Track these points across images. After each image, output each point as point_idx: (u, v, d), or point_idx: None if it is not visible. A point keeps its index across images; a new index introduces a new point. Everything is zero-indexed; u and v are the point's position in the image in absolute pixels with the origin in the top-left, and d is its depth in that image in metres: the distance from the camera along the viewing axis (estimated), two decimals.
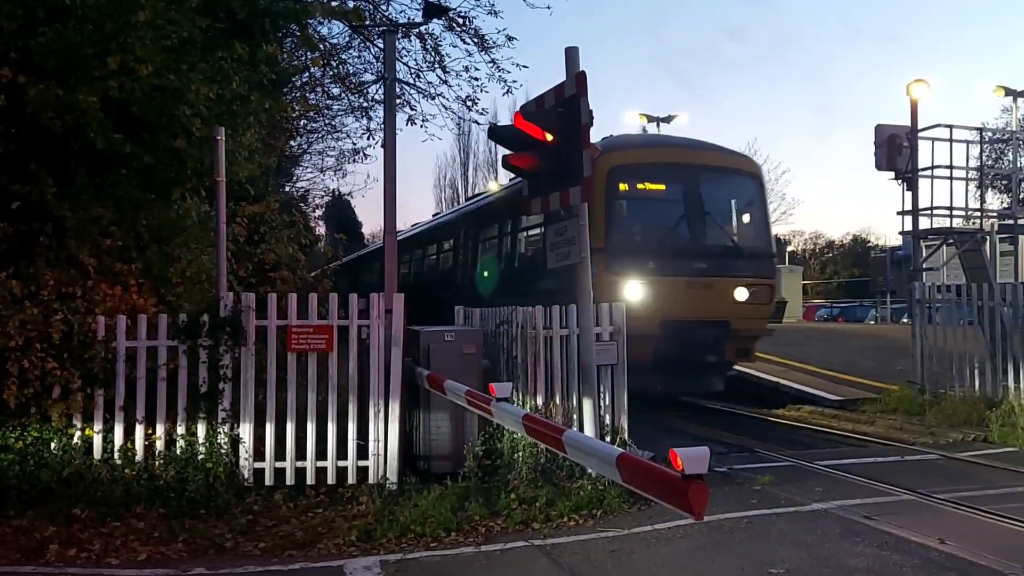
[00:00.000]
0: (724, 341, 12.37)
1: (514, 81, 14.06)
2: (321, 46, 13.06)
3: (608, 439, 7.57)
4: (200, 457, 6.99)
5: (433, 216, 27.49)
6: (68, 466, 6.83)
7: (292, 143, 18.06)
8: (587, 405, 7.46)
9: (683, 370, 12.15)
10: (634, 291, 11.55)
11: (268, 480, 7.21)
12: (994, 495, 6.98)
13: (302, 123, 17.14)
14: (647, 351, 11.19)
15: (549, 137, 7.11)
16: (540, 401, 7.76)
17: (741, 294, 12.45)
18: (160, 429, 7.13)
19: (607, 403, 7.84)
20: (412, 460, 7.77)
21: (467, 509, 6.53)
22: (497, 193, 18.54)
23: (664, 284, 11.87)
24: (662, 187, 13.24)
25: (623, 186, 12.72)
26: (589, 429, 7.39)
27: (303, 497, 7.00)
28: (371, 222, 55.92)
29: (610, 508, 6.67)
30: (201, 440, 7.09)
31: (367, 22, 12.47)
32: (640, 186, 13.00)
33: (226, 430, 7.14)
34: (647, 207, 13.32)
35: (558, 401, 7.80)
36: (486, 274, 15.78)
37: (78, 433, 7.03)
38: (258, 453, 7.24)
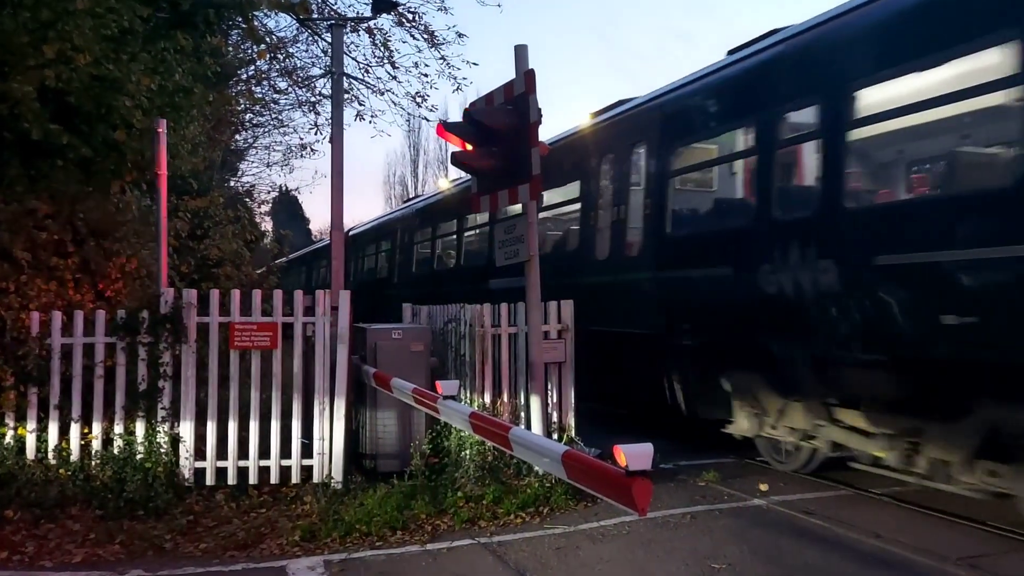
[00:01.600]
0: None
1: (464, 78, 14.14)
2: (268, 39, 12.88)
3: (556, 436, 7.60)
4: (139, 457, 6.83)
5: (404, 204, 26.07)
6: (0, 466, 6.62)
7: (237, 137, 17.80)
8: (535, 403, 7.48)
9: None
10: None
11: (209, 480, 7.07)
12: (927, 490, 7.16)
13: (248, 117, 16.88)
14: None
15: (498, 134, 7.12)
16: (488, 399, 7.75)
17: None
18: (97, 428, 6.94)
19: (555, 401, 7.87)
20: (358, 459, 7.70)
21: (413, 508, 6.49)
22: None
23: None
24: None
25: None
26: (537, 427, 7.41)
27: (245, 497, 6.88)
28: (319, 218, 55.34)
29: (557, 505, 6.70)
30: (140, 439, 6.92)
31: (315, 15, 12.32)
32: None
33: (166, 429, 6.97)
34: None
35: (506, 399, 7.80)
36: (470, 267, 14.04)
37: (11, 432, 6.81)
38: (199, 452, 7.09)
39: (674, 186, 9.00)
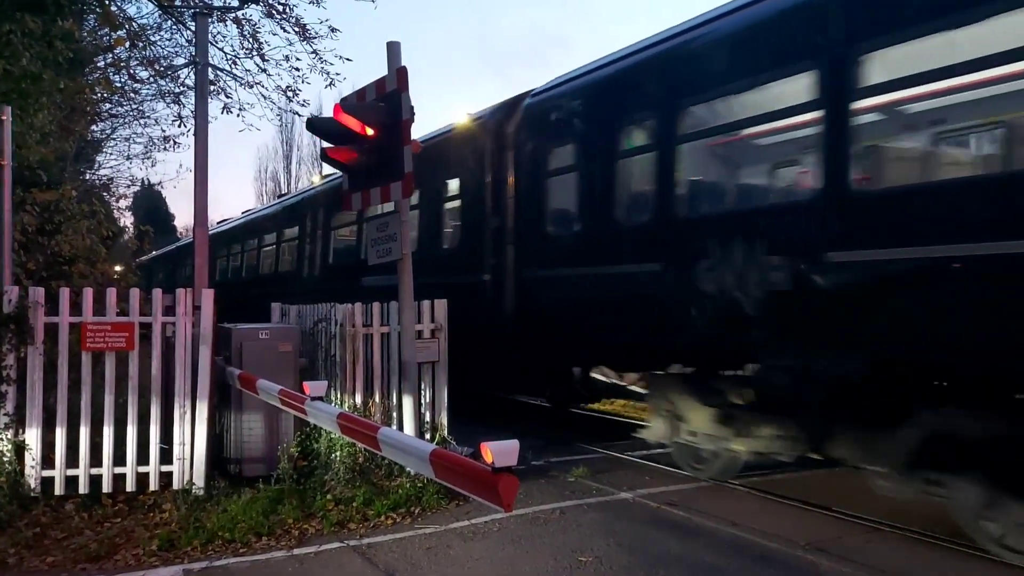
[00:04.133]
0: None
1: (337, 74, 13.77)
2: (128, 26, 12.23)
3: (429, 437, 7.58)
4: None
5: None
6: None
7: (94, 128, 16.77)
8: (407, 403, 7.44)
9: None
10: None
11: (59, 489, 6.66)
12: (781, 480, 7.58)
13: (106, 107, 15.95)
14: None
15: (370, 131, 7.04)
16: (359, 400, 7.64)
17: None
18: None
19: (428, 400, 7.84)
20: (222, 463, 7.42)
21: (280, 512, 6.33)
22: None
23: None
24: None
25: None
26: (409, 427, 7.38)
27: (99, 506, 6.54)
28: (185, 214, 53.00)
29: (428, 505, 6.68)
30: None
31: (178, 3, 11.81)
32: None
33: (9, 436, 6.52)
34: None
35: (378, 400, 7.71)
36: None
37: None
38: (47, 460, 6.67)
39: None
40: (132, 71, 13.88)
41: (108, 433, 6.81)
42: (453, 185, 11.14)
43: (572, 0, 77.40)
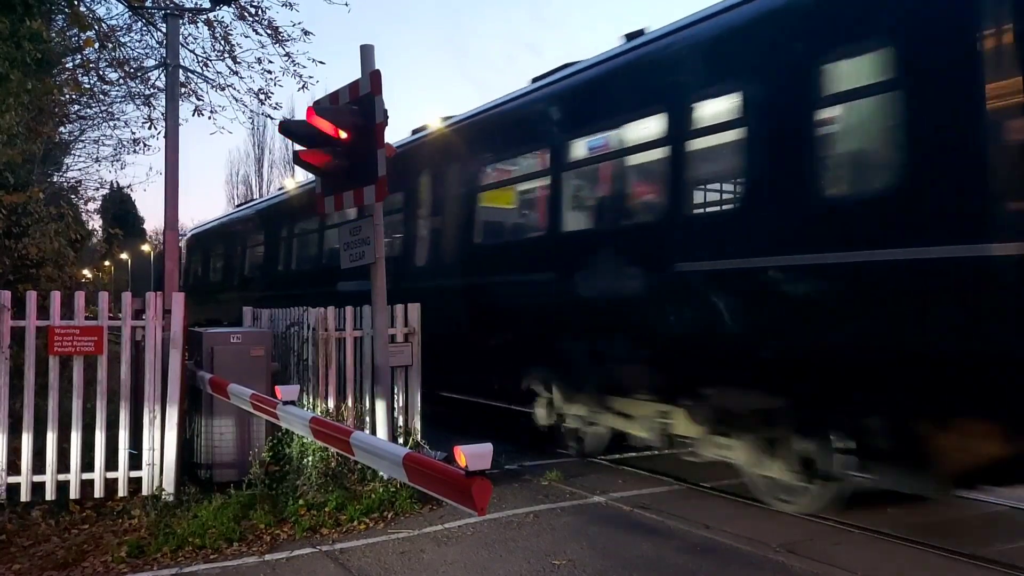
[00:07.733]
0: None
1: (311, 77, 13.79)
2: (97, 26, 12.08)
3: (401, 441, 7.56)
4: None
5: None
6: None
7: (62, 129, 16.53)
8: (380, 407, 7.42)
9: None
10: None
11: (24, 496, 6.56)
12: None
13: (74, 108, 15.74)
14: None
15: (343, 135, 7.01)
16: (332, 404, 7.60)
17: None
18: None
19: (401, 404, 7.82)
20: (193, 469, 7.36)
21: (252, 518, 6.28)
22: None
23: None
24: None
25: None
26: (382, 431, 7.35)
27: (66, 513, 6.45)
28: (155, 217, 52.48)
29: (402, 509, 6.66)
30: None
31: (148, 4, 11.69)
32: None
33: None
34: None
35: (351, 404, 7.68)
36: None
37: None
38: (13, 467, 6.57)
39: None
40: (101, 72, 13.71)
41: (76, 438, 6.71)
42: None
43: (545, 8, 77.72)
